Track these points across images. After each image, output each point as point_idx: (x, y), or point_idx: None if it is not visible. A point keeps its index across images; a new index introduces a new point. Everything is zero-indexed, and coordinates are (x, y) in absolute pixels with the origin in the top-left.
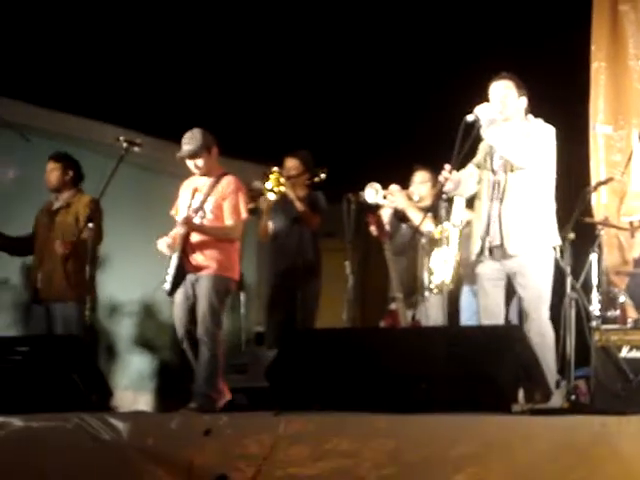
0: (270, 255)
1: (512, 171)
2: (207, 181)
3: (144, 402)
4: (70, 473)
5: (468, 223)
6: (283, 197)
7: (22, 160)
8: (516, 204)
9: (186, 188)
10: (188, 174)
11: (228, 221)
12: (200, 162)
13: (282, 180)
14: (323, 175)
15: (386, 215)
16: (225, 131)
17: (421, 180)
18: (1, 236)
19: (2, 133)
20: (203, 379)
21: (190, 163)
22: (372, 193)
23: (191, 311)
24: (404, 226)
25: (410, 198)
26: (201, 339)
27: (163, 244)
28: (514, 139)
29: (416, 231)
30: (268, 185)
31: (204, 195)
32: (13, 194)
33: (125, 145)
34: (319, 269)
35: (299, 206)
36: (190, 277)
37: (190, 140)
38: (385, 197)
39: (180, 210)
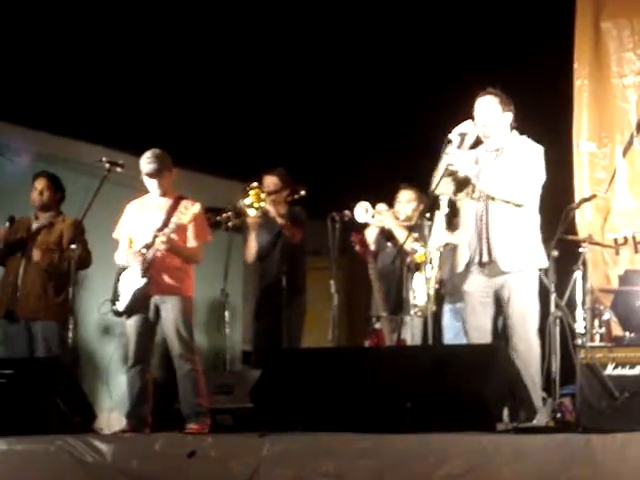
0: (255, 273)
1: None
2: (165, 202)
3: None
4: None
5: (447, 244)
6: (265, 215)
7: (6, 181)
8: (504, 222)
9: (139, 209)
10: None
11: (192, 243)
12: (162, 181)
13: (262, 196)
14: (303, 192)
15: (372, 234)
16: (204, 148)
17: (407, 199)
18: None
19: None
20: (191, 396)
21: (152, 182)
22: (362, 212)
23: (149, 334)
24: (390, 245)
25: (397, 217)
26: (180, 357)
27: (128, 257)
28: (508, 180)
29: (400, 250)
30: (248, 201)
31: (165, 216)
32: None
33: (107, 166)
34: (304, 286)
35: (280, 221)
36: (153, 299)
37: (154, 159)
38: (373, 216)
39: (134, 231)
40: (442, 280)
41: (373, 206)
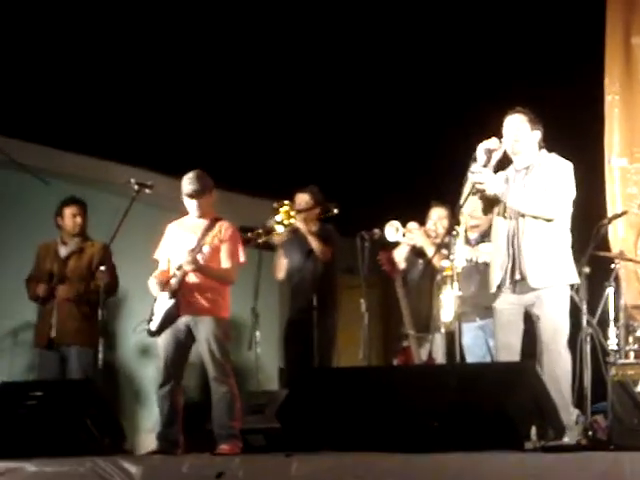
0: (287, 291)
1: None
2: (201, 223)
3: None
4: None
5: (467, 260)
6: (296, 233)
7: (41, 204)
8: (536, 239)
9: (177, 230)
10: None
11: (225, 264)
12: (203, 202)
13: (292, 213)
14: (335, 210)
15: (403, 252)
16: (236, 167)
17: (438, 216)
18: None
19: (19, 176)
20: (224, 418)
21: (191, 203)
22: (392, 231)
23: (181, 354)
24: (421, 262)
25: (428, 235)
26: (215, 380)
27: (154, 283)
28: (536, 196)
29: (428, 265)
30: (278, 218)
31: (200, 237)
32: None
33: (136, 187)
34: (335, 305)
35: (311, 240)
36: (185, 319)
37: (195, 180)
38: (404, 235)
39: (172, 252)
40: (461, 297)
41: (404, 225)
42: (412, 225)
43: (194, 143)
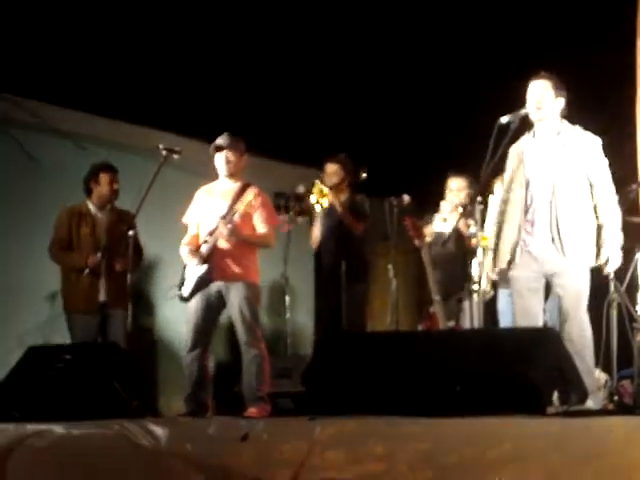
0: (318, 259)
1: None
2: (231, 187)
3: None
4: (110, 478)
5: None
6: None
7: (76, 168)
8: (568, 212)
9: (207, 195)
10: None
11: (261, 230)
12: (231, 157)
13: (325, 191)
14: (364, 175)
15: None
16: (266, 133)
17: (457, 187)
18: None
19: (53, 141)
20: (253, 381)
21: (220, 157)
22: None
23: (210, 319)
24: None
25: (457, 207)
26: (246, 343)
27: (186, 252)
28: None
29: (454, 234)
30: (313, 199)
31: (232, 202)
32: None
33: (165, 153)
34: (364, 274)
35: (342, 213)
36: (216, 285)
37: (227, 136)
38: (445, 220)
39: (201, 217)
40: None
41: (437, 204)
42: (445, 207)
43: (225, 108)
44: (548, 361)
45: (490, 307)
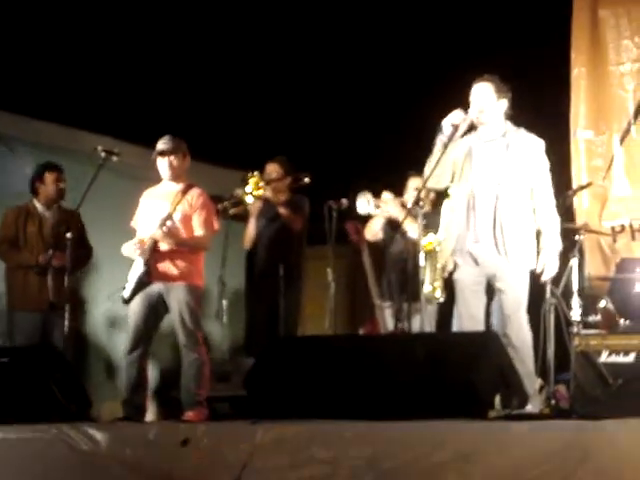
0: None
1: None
2: (174, 189)
3: None
4: None
5: None
6: (266, 203)
7: (7, 170)
8: (510, 213)
9: (150, 197)
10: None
11: (199, 232)
12: (175, 162)
13: (261, 184)
14: (307, 179)
15: (379, 224)
16: (205, 137)
17: (416, 186)
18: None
19: None
20: (192, 385)
21: (163, 162)
22: (364, 203)
23: (151, 321)
24: (398, 235)
25: (404, 206)
26: (185, 346)
27: (130, 249)
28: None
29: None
30: (247, 189)
31: (173, 204)
32: None
33: (103, 155)
34: (301, 275)
35: (281, 210)
36: (157, 286)
37: (169, 140)
38: (378, 206)
39: (145, 219)
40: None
41: (377, 196)
42: (386, 196)
43: (163, 112)
44: (490, 365)
45: (444, 310)
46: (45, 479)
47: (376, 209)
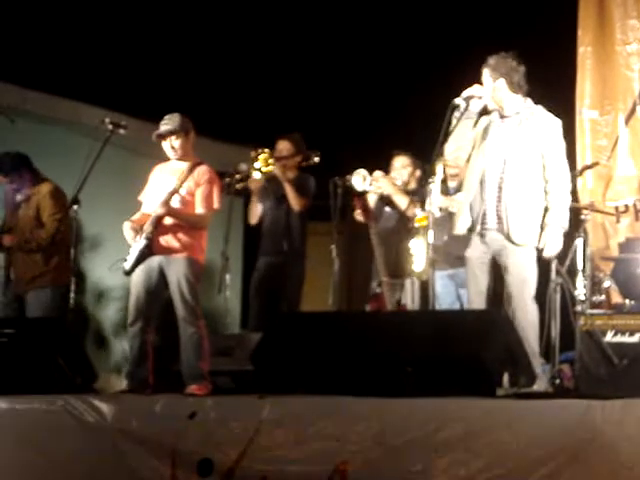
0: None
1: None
2: (182, 166)
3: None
4: (54, 454)
5: (442, 209)
6: (272, 180)
7: (7, 142)
8: (516, 191)
9: (159, 173)
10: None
11: (199, 210)
12: (176, 143)
13: (270, 161)
14: (316, 159)
15: (371, 201)
16: (213, 114)
17: (402, 165)
18: None
19: None
20: (192, 359)
21: (166, 144)
22: (359, 180)
23: (152, 293)
24: (389, 210)
25: (394, 183)
26: (184, 320)
27: (128, 229)
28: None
29: (402, 215)
30: (257, 165)
31: (179, 181)
32: None
33: (110, 127)
34: (303, 252)
35: (287, 188)
36: (158, 259)
37: (169, 121)
38: (371, 184)
39: (151, 194)
40: (434, 246)
41: (370, 173)
42: (378, 174)
43: (173, 87)
44: (498, 343)
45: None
46: (51, 449)
47: (370, 186)
